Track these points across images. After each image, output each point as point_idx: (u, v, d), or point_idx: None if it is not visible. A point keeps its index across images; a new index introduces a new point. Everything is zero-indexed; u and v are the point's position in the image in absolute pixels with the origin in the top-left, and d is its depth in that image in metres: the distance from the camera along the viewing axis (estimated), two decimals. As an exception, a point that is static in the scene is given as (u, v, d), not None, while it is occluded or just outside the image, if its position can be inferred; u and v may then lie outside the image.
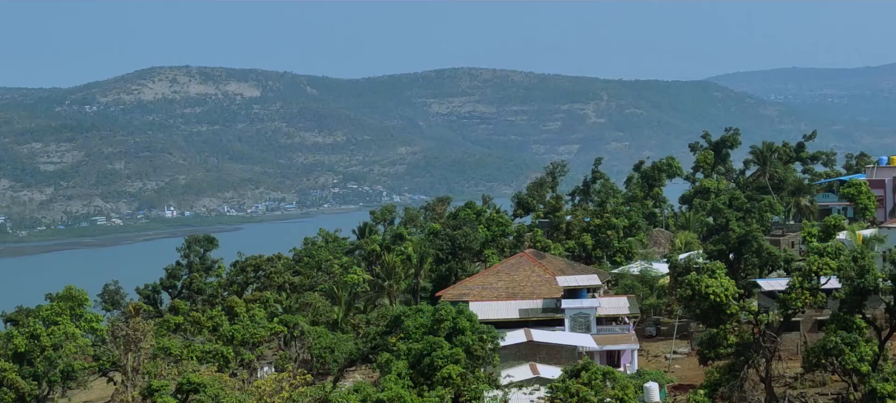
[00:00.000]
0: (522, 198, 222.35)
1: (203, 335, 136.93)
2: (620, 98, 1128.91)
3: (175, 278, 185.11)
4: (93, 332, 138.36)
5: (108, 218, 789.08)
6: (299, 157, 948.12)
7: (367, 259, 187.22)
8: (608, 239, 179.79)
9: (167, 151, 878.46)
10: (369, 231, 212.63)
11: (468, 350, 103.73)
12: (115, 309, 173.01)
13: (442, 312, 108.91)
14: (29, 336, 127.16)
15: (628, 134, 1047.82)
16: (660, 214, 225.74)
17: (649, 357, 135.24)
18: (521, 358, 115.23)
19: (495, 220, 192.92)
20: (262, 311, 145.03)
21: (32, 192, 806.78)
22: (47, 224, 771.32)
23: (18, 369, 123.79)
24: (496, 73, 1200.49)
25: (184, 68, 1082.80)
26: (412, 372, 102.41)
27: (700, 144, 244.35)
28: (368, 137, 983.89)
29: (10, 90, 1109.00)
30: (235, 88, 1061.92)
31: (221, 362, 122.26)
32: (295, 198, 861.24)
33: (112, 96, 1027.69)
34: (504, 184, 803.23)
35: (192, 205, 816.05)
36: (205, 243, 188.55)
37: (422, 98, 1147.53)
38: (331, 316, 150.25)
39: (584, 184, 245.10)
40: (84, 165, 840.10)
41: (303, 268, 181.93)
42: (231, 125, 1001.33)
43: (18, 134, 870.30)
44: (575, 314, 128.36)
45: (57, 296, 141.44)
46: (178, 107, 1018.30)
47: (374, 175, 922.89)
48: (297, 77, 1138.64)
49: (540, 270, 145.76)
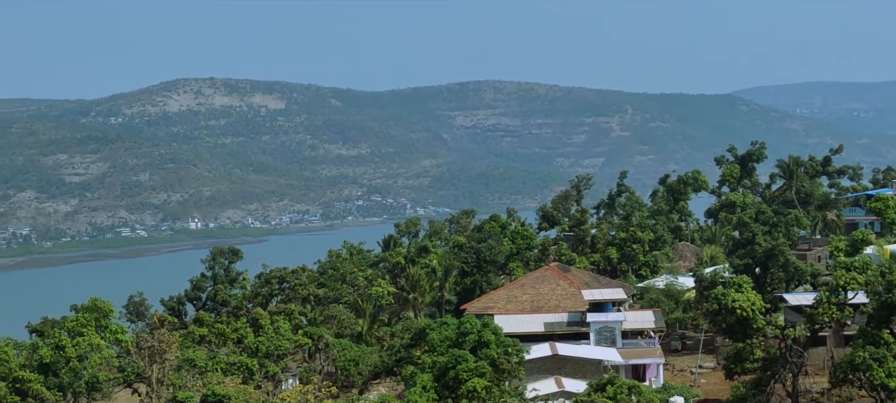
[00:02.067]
0: (547, 212, 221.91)
1: (228, 347, 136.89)
2: (645, 111, 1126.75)
3: (200, 290, 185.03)
4: (118, 344, 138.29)
5: (133, 229, 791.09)
6: (323, 170, 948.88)
7: (391, 271, 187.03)
8: (633, 252, 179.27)
9: (192, 163, 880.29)
10: (394, 243, 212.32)
11: (493, 363, 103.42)
12: (140, 320, 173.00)
13: (467, 325, 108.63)
14: (54, 348, 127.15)
15: (653, 147, 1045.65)
16: (685, 228, 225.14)
17: (675, 371, 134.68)
18: (546, 372, 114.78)
19: (520, 233, 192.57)
20: (287, 323, 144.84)
21: (57, 204, 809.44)
22: (72, 235, 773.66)
23: (44, 380, 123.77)
24: (521, 86, 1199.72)
25: (209, 80, 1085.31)
26: (437, 386, 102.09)
27: (726, 158, 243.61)
28: (392, 150, 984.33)
29: (36, 102, 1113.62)
30: (260, 100, 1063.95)
31: (246, 374, 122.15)
32: (319, 211, 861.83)
33: (137, 108, 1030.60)
34: (528, 197, 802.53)
35: (217, 217, 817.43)
36: (229, 255, 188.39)
37: (446, 111, 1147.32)
38: (355, 329, 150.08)
39: (610, 197, 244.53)
40: (109, 177, 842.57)
41: (327, 281, 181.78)
42: (255, 137, 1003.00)
43: (44, 145, 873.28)
44: (600, 328, 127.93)
45: (82, 308, 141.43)
46: (202, 119, 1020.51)
47: (398, 187, 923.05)
48: (322, 89, 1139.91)
49: (565, 283, 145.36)
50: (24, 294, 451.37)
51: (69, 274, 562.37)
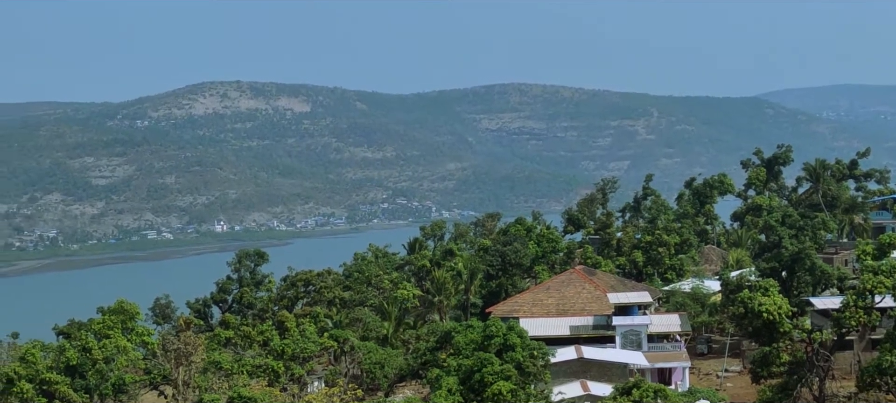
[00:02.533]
0: (573, 215, 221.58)
1: (253, 349, 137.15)
2: (671, 114, 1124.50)
3: (225, 292, 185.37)
4: (144, 346, 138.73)
5: (159, 232, 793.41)
6: (349, 173, 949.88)
7: (416, 274, 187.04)
8: (659, 256, 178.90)
9: (217, 166, 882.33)
10: (419, 246, 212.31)
11: (519, 366, 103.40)
12: (166, 322, 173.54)
13: (492, 328, 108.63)
14: (81, 350, 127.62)
15: (679, 150, 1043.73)
16: (711, 231, 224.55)
17: (701, 375, 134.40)
18: (571, 375, 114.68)
19: (545, 237, 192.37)
20: (313, 326, 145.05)
21: (84, 206, 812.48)
22: (99, 238, 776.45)
23: (70, 382, 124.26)
24: (546, 89, 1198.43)
25: (234, 83, 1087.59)
26: (462, 388, 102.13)
27: (752, 161, 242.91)
28: (418, 153, 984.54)
29: (63, 105, 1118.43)
30: (285, 103, 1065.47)
31: (272, 376, 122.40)
32: (344, 214, 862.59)
33: (163, 111, 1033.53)
34: (554, 201, 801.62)
35: (242, 220, 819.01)
36: (255, 257, 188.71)
37: (471, 114, 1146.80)
38: (381, 332, 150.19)
39: (635, 200, 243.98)
40: (135, 179, 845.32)
41: (353, 283, 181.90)
42: (281, 140, 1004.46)
43: (70, 148, 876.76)
44: (626, 331, 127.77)
45: (108, 310, 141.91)
46: (228, 122, 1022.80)
47: (424, 190, 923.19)
48: (347, 92, 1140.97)
49: (591, 287, 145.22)
50: (51, 296, 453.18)
51: (95, 276, 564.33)
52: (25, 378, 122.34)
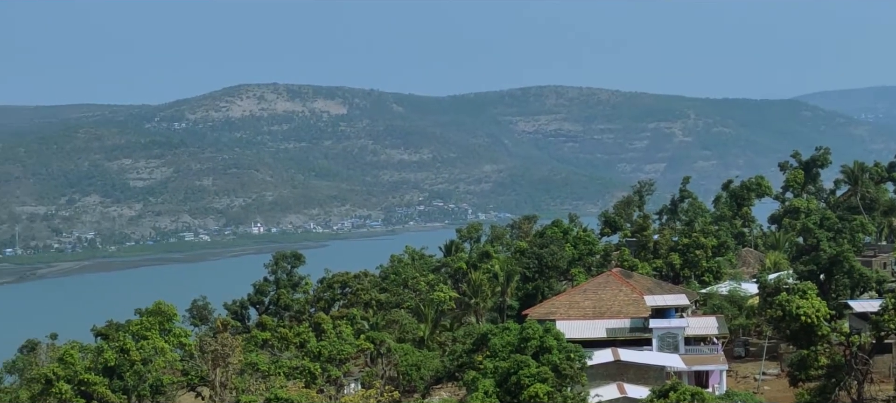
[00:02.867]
0: (609, 217, 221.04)
1: (290, 351, 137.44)
2: (708, 116, 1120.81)
3: (262, 294, 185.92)
4: (181, 347, 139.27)
5: (196, 234, 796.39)
6: (385, 175, 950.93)
7: (453, 276, 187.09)
8: (696, 258, 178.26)
9: (254, 168, 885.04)
10: (455, 248, 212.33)
11: (556, 368, 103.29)
12: (204, 324, 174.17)
13: (529, 330, 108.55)
14: (119, 351, 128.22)
15: (716, 152, 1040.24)
16: (749, 234, 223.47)
17: (738, 378, 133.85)
18: (608, 378, 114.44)
19: (582, 239, 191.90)
20: (349, 328, 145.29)
21: (122, 208, 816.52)
22: (136, 239, 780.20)
23: (108, 383, 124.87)
24: (582, 91, 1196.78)
25: (271, 85, 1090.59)
26: (499, 391, 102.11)
27: (790, 163, 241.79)
28: (454, 155, 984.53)
29: (101, 107, 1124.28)
30: (322, 106, 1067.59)
31: (308, 378, 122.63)
32: (381, 216, 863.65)
33: (200, 113, 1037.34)
34: (590, 203, 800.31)
35: (279, 222, 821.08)
36: (292, 259, 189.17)
37: (508, 116, 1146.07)
38: (417, 334, 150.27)
39: (672, 202, 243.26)
40: (172, 181, 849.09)
41: (389, 285, 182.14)
42: (318, 142, 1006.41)
43: (109, 150, 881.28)
44: (663, 334, 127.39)
45: (146, 311, 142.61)
46: (265, 125, 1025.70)
47: (460, 193, 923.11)
48: (384, 95, 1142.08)
49: (627, 289, 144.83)
50: (89, 297, 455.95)
51: (133, 277, 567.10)
52: (64, 378, 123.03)
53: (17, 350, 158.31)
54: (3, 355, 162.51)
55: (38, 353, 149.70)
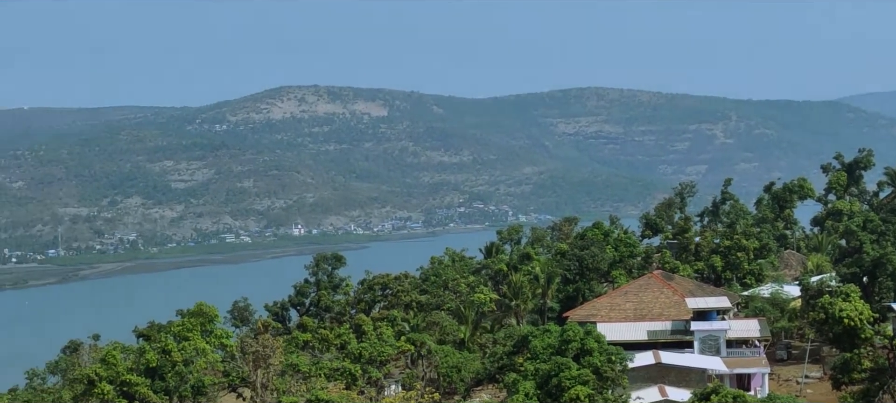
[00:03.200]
0: (650, 219, 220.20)
1: (331, 352, 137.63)
2: (750, 118, 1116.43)
3: (303, 295, 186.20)
4: (223, 348, 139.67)
5: (237, 235, 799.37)
6: (425, 177, 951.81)
7: (493, 278, 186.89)
8: (738, 260, 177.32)
9: (295, 170, 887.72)
10: (496, 250, 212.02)
11: (597, 371, 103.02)
12: (245, 325, 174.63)
13: (570, 332, 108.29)
14: (160, 352, 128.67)
15: (757, 154, 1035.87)
16: (791, 236, 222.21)
17: (780, 381, 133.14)
18: (649, 380, 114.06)
19: (623, 241, 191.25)
20: (390, 329, 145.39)
21: (163, 209, 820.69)
22: (178, 240, 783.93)
23: (150, 383, 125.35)
24: (623, 93, 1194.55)
25: (312, 87, 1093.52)
26: (540, 393, 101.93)
27: (832, 165, 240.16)
28: (494, 157, 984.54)
29: (143, 109, 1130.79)
30: (363, 108, 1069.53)
31: (349, 379, 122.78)
32: (421, 217, 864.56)
33: (242, 115, 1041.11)
34: (631, 205, 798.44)
35: (320, 224, 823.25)
36: (332, 261, 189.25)
37: (548, 118, 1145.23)
38: (458, 335, 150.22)
39: (714, 204, 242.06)
40: (214, 183, 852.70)
41: (429, 287, 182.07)
42: (358, 144, 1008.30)
43: (150, 152, 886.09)
44: (704, 336, 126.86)
45: (188, 312, 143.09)
46: (306, 126, 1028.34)
47: (500, 194, 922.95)
48: (424, 96, 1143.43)
49: (669, 291, 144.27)
50: (131, 298, 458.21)
51: (175, 278, 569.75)
52: (106, 379, 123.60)
53: (60, 351, 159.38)
54: (46, 355, 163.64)
55: (80, 354, 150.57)
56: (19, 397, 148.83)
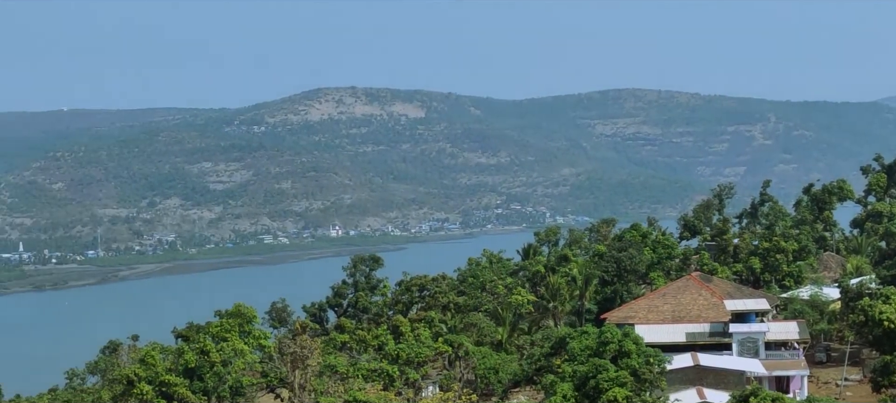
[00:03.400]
0: (689, 221, 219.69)
1: (368, 353, 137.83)
2: (788, 119, 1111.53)
3: (341, 296, 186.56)
4: (261, 349, 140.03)
5: (275, 236, 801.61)
6: (463, 178, 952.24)
7: (531, 280, 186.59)
8: (777, 262, 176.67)
9: (333, 171, 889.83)
10: (533, 252, 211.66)
11: (635, 372, 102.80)
12: (283, 326, 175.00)
13: (607, 334, 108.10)
14: (199, 352, 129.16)
15: (796, 156, 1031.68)
16: (830, 238, 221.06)
17: (819, 383, 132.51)
18: (687, 383, 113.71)
19: (661, 243, 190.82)
20: (427, 331, 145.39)
21: (202, 211, 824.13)
22: (216, 242, 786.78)
23: (189, 384, 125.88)
24: (661, 94, 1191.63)
25: (350, 89, 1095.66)
26: (577, 395, 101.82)
27: (872, 167, 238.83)
28: (532, 158, 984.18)
29: (182, 111, 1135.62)
30: (400, 109, 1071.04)
31: (387, 381, 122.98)
32: (458, 219, 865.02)
33: (279, 117, 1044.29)
34: (669, 206, 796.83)
35: (357, 225, 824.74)
36: (370, 262, 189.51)
37: (586, 119, 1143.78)
38: (495, 337, 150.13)
39: (752, 206, 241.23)
40: (252, 184, 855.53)
41: (467, 289, 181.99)
42: (396, 146, 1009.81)
43: (189, 153, 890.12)
44: (743, 338, 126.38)
45: (226, 313, 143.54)
46: (343, 128, 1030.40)
47: (538, 196, 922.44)
48: (462, 98, 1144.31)
49: (707, 293, 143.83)
50: (170, 299, 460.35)
51: (213, 279, 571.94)
52: (145, 379, 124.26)
53: (100, 351, 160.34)
54: (86, 356, 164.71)
55: (119, 354, 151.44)
56: (59, 397, 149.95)
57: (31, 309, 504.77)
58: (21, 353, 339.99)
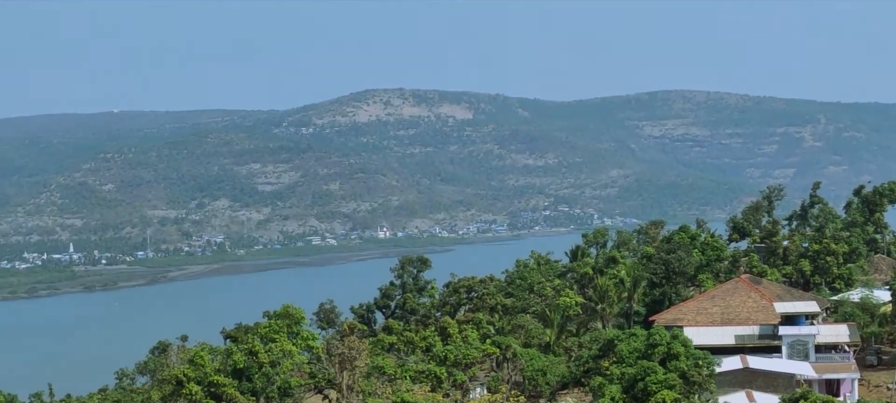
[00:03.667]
0: (738, 223, 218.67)
1: (416, 355, 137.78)
2: (838, 121, 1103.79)
3: (389, 298, 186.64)
4: (309, 350, 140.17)
5: (323, 237, 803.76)
6: (511, 180, 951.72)
7: (579, 282, 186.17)
8: (827, 265, 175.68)
9: (381, 173, 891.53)
10: (581, 254, 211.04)
11: (683, 375, 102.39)
12: (331, 327, 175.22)
13: (656, 336, 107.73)
14: (248, 353, 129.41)
15: (847, 157, 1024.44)
16: (881, 240, 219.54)
17: (870, 387, 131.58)
18: (737, 385, 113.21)
19: (710, 245, 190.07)
20: (475, 332, 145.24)
21: (250, 212, 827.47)
22: (264, 243, 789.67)
23: (237, 384, 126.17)
24: (710, 96, 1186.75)
25: (397, 90, 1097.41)
26: (625, 397, 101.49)
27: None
28: (580, 160, 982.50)
29: (230, 112, 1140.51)
30: (448, 111, 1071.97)
31: (434, 382, 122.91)
32: (506, 220, 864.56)
33: (328, 118, 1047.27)
34: (717, 208, 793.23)
35: (405, 226, 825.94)
36: (418, 264, 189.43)
37: (634, 120, 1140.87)
38: (543, 339, 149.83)
39: (802, 208, 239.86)
40: (300, 186, 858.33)
41: (515, 290, 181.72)
42: (443, 147, 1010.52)
43: (237, 155, 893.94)
44: (793, 341, 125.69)
45: (274, 314, 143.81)
46: (391, 129, 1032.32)
47: (586, 198, 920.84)
48: (509, 99, 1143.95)
49: (756, 296, 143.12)
50: (219, 300, 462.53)
51: (261, 280, 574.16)
52: (194, 380, 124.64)
53: (149, 352, 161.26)
54: (136, 356, 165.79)
55: (169, 354, 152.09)
56: (109, 397, 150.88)
57: (82, 310, 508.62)
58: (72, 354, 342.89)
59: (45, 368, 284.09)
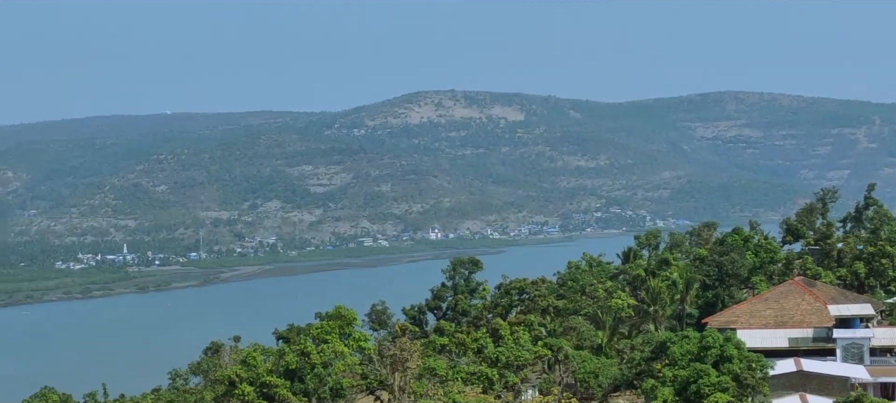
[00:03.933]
0: (791, 225, 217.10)
1: (468, 356, 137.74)
2: (894, 122, 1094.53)
3: (440, 299, 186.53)
4: (361, 351, 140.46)
5: (375, 239, 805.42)
6: (562, 181, 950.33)
7: (631, 283, 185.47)
8: (882, 267, 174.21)
9: (432, 174, 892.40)
10: (634, 255, 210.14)
11: (737, 378, 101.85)
12: (383, 328, 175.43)
13: (709, 339, 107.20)
14: (300, 354, 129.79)
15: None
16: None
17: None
18: (790, 388, 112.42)
19: (763, 247, 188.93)
20: (527, 334, 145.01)
21: (302, 213, 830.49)
22: (316, 244, 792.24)
23: (290, 385, 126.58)
24: (763, 97, 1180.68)
25: (449, 92, 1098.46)
26: (678, 399, 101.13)
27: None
28: (632, 161, 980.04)
29: (283, 114, 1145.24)
30: (499, 112, 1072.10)
31: (486, 384, 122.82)
32: (557, 222, 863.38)
33: (379, 120, 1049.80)
34: (771, 210, 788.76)
35: (456, 228, 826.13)
36: (469, 265, 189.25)
37: (686, 122, 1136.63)
38: (595, 341, 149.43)
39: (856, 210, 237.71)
40: (352, 187, 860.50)
41: (567, 292, 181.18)
42: (495, 149, 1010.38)
43: (289, 156, 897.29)
44: (847, 344, 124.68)
45: (326, 315, 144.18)
46: (443, 131, 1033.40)
47: (638, 199, 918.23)
48: (561, 101, 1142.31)
49: (810, 298, 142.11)
50: (271, 301, 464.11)
51: (313, 282, 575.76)
52: (247, 380, 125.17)
53: (202, 352, 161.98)
54: (189, 356, 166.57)
55: (221, 355, 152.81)
56: (162, 397, 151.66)
57: (135, 311, 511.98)
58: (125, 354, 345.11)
59: (100, 368, 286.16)
